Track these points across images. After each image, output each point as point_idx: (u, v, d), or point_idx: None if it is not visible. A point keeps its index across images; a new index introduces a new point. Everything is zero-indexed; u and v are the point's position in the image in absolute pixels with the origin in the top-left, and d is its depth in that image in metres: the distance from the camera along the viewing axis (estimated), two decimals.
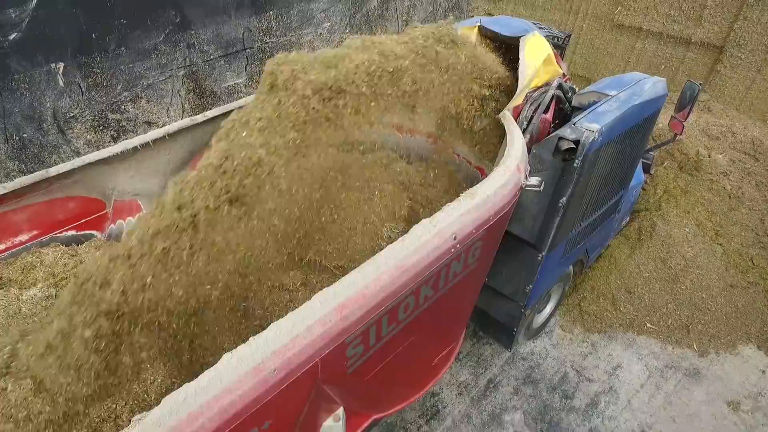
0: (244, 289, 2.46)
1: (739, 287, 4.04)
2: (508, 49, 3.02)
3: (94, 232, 2.64)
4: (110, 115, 3.80)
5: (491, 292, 3.20)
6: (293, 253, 2.72)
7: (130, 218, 2.71)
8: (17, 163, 3.40)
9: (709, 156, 4.62)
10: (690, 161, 4.62)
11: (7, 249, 2.36)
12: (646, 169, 4.23)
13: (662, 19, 5.74)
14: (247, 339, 1.37)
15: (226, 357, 1.32)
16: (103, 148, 3.84)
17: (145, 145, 2.63)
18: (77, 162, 2.45)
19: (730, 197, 4.49)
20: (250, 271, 2.40)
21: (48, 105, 3.41)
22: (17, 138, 3.33)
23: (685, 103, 4.05)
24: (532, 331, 3.72)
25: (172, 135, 2.71)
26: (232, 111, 2.86)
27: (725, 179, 4.55)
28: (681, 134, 4.30)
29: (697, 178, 4.50)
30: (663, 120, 4.59)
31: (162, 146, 2.71)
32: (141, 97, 3.96)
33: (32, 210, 2.39)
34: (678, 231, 4.19)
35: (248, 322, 2.44)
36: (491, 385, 3.42)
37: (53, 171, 2.36)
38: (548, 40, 3.12)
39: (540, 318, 3.78)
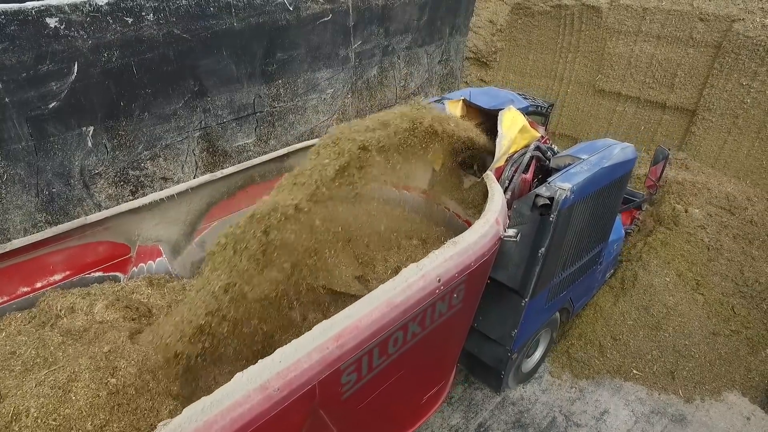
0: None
1: (721, 335, 4.19)
2: (489, 117, 3.43)
3: (118, 273, 2.88)
4: (131, 172, 4.17)
5: (480, 336, 3.37)
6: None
7: (151, 262, 2.96)
8: (44, 214, 3.73)
9: (686, 211, 4.91)
10: (667, 216, 4.90)
11: (43, 287, 2.61)
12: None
13: (638, 85, 6.24)
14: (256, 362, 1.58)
15: (238, 375, 1.53)
16: (123, 201, 4.20)
17: (170, 197, 2.95)
18: (112, 210, 2.76)
19: (708, 249, 4.73)
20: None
21: (76, 163, 3.78)
22: (47, 192, 3.67)
23: (658, 165, 4.45)
24: (521, 375, 3.85)
25: (194, 189, 3.06)
26: (245, 169, 3.23)
27: (703, 232, 4.81)
28: (654, 193, 4.68)
29: (675, 231, 4.76)
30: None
31: (184, 198, 3.05)
32: (159, 156, 4.35)
33: (68, 252, 2.67)
34: (659, 280, 4.41)
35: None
36: (482, 429, 3.52)
37: (91, 218, 2.66)
38: (532, 110, 3.53)
39: (530, 363, 3.92)
